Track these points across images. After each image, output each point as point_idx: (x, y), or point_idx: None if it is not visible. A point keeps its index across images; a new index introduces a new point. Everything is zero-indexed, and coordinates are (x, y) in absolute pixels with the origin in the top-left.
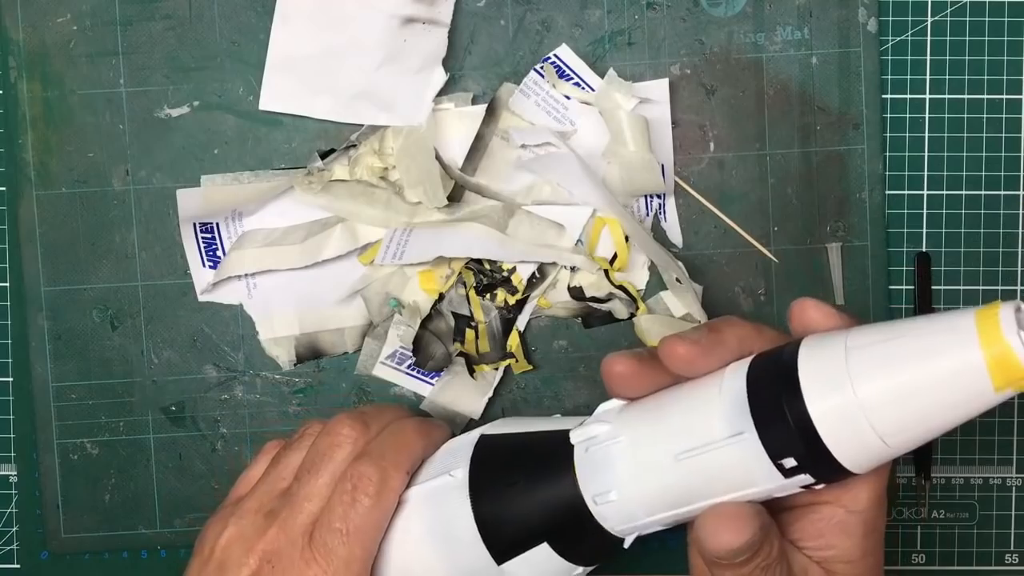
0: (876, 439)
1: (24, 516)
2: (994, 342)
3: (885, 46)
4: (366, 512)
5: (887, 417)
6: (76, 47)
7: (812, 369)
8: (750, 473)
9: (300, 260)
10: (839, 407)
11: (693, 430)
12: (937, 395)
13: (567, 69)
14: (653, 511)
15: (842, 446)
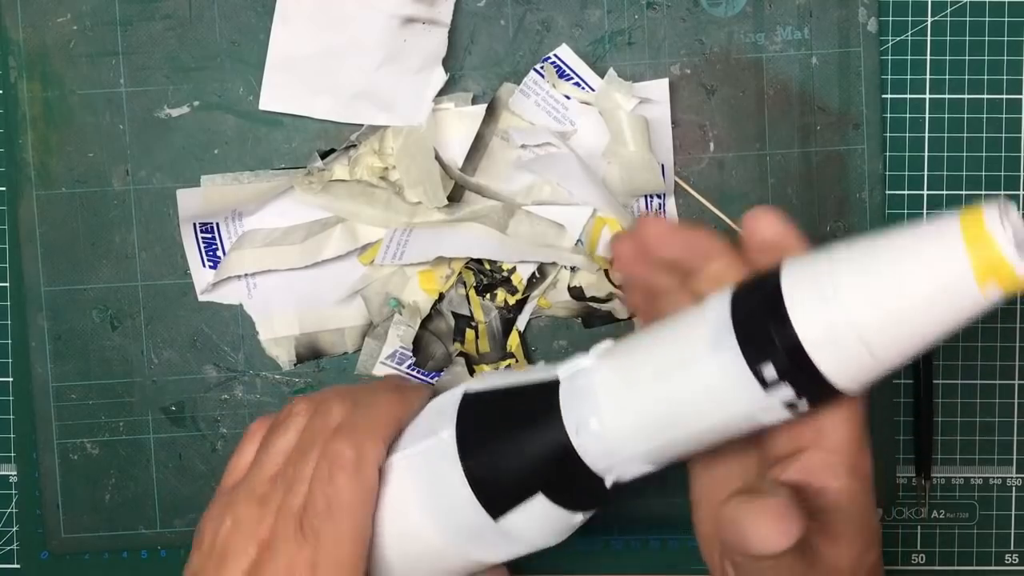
0: (862, 349)
1: (24, 516)
2: (978, 239)
3: (885, 46)
4: (345, 489)
5: (872, 325)
6: (76, 47)
7: (795, 279)
8: (732, 390)
9: (300, 260)
10: (822, 314)
11: (674, 352)
12: (923, 300)
13: (567, 69)
14: (634, 441)
15: (825, 355)
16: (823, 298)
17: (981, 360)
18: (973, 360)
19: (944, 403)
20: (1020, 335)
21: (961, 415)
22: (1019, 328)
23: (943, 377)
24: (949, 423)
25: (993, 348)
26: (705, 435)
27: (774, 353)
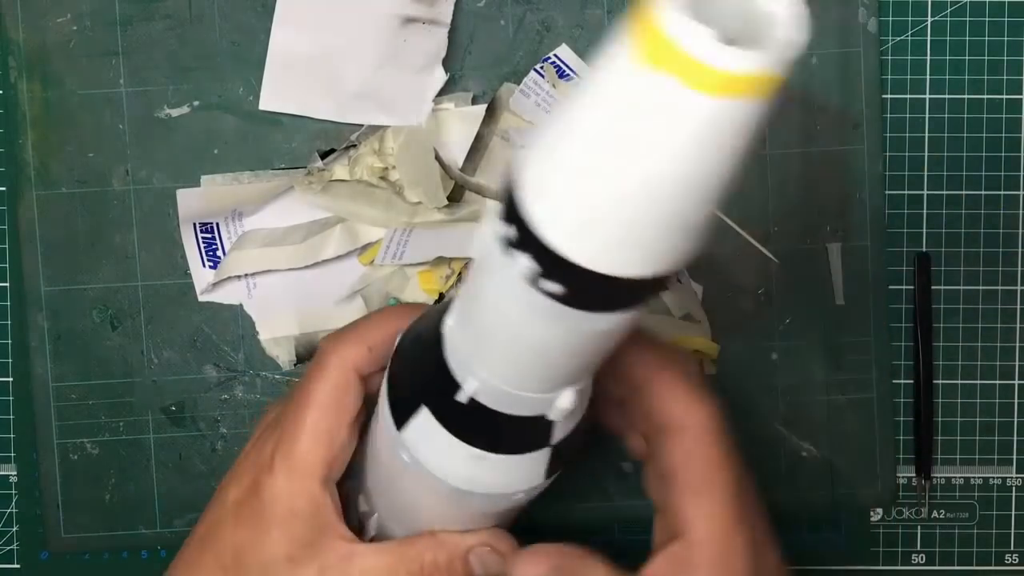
0: (569, 194)
1: (24, 516)
2: (647, 29)
3: (885, 46)
4: (312, 384)
5: (571, 165)
6: (76, 47)
7: (524, 159)
8: (490, 257)
9: (300, 260)
10: (533, 169)
11: (476, 261)
12: (611, 122)
13: (567, 69)
14: (463, 342)
15: (539, 208)
16: (535, 157)
17: (981, 360)
18: (973, 360)
19: (944, 403)
20: (1020, 335)
21: (961, 415)
22: (1019, 328)
23: (943, 377)
24: (949, 423)
25: (993, 348)
26: (505, 340)
27: (511, 216)
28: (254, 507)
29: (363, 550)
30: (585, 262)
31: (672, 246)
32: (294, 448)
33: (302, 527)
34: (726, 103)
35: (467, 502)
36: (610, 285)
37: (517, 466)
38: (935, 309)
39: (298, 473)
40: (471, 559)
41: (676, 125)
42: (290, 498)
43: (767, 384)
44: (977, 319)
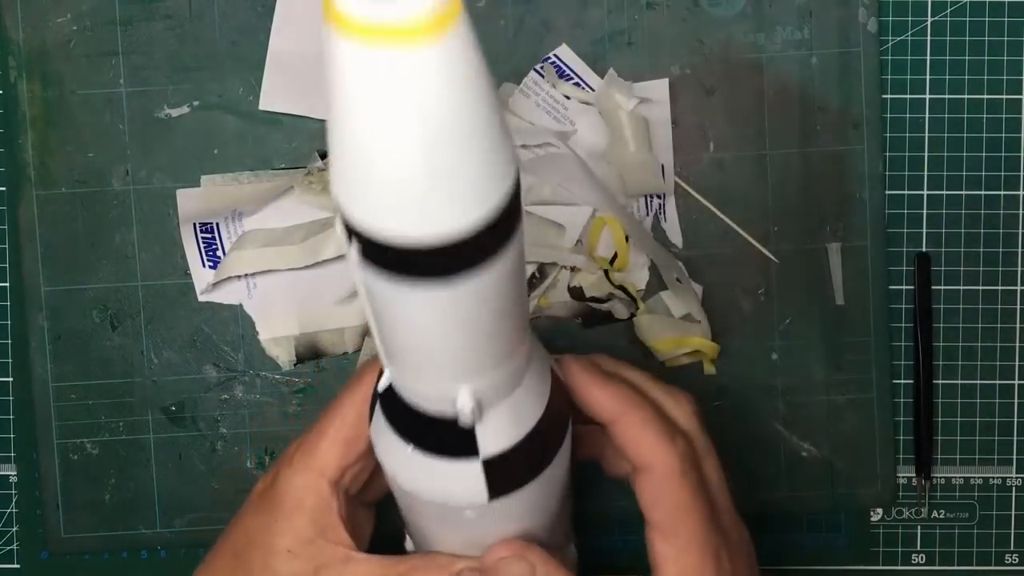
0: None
1: (24, 516)
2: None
3: (885, 46)
4: (339, 393)
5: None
6: (76, 47)
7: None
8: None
9: (300, 260)
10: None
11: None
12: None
13: (567, 69)
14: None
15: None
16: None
17: (981, 360)
18: (973, 360)
19: (944, 403)
20: (1020, 335)
21: (961, 415)
22: (1019, 328)
23: (943, 377)
24: (949, 423)
25: (993, 348)
26: (372, 325)
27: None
28: (270, 497)
29: (359, 557)
30: (377, 231)
31: (434, 204)
32: (314, 447)
33: (305, 523)
34: (401, 52)
35: (430, 514)
36: (399, 250)
37: (451, 474)
38: (935, 309)
39: (312, 470)
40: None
41: (365, 82)
42: (300, 492)
43: (767, 384)
44: (977, 319)
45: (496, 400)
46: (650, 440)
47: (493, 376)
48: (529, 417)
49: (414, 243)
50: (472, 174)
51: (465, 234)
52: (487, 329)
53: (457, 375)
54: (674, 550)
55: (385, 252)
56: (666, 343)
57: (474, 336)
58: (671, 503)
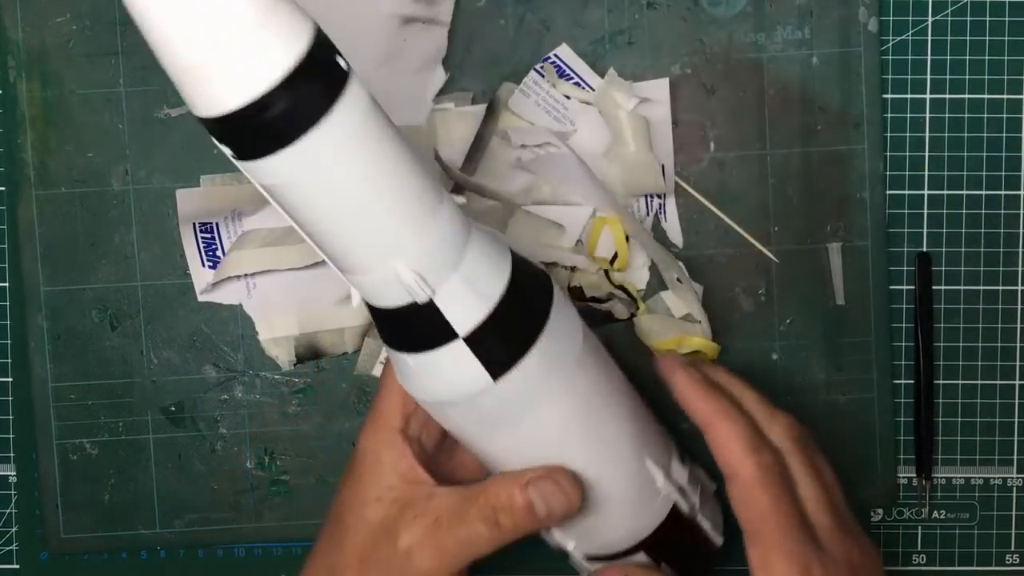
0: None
1: (24, 516)
2: None
3: (885, 46)
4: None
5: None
6: (76, 47)
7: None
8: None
9: (300, 260)
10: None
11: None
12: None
13: (567, 69)
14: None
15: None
16: None
17: (981, 360)
18: (973, 360)
19: (944, 403)
20: (1020, 335)
21: (961, 415)
22: (1019, 328)
23: (943, 377)
24: (949, 423)
25: (993, 348)
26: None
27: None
28: (352, 464)
29: (440, 491)
30: (200, 111)
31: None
32: (378, 406)
33: (385, 472)
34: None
35: (469, 428)
36: (223, 123)
37: (447, 364)
38: (935, 309)
39: (380, 426)
40: (531, 492)
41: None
42: (376, 447)
43: (767, 384)
44: (977, 319)
45: (442, 274)
46: (737, 450)
47: (418, 246)
48: (491, 288)
49: (248, 102)
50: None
51: (276, 83)
52: (372, 190)
53: (383, 251)
54: (758, 554)
55: (237, 127)
56: (666, 343)
57: (361, 201)
58: (753, 509)
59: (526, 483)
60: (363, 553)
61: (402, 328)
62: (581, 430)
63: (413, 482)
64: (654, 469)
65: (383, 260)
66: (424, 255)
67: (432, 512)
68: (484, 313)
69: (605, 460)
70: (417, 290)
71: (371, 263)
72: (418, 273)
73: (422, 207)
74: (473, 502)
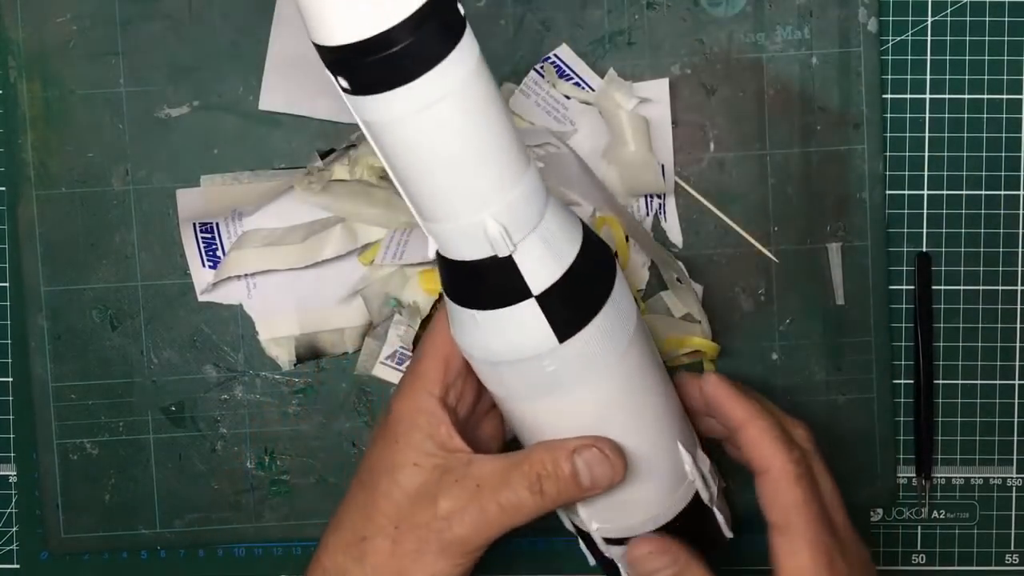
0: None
1: (24, 516)
2: None
3: (885, 46)
4: (431, 322)
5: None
6: (76, 47)
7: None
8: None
9: (300, 260)
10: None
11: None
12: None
13: (567, 69)
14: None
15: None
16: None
17: (981, 360)
18: (973, 360)
19: (944, 403)
20: (1020, 335)
21: (961, 415)
22: (1019, 328)
23: (943, 377)
24: (949, 423)
25: (993, 348)
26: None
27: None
28: (385, 426)
29: (480, 458)
30: (322, 39)
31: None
32: (418, 370)
33: (423, 437)
34: None
35: (523, 393)
36: (366, 54)
37: (516, 323)
38: (935, 309)
39: (419, 391)
40: (576, 461)
41: None
42: (413, 412)
43: (767, 384)
44: (977, 319)
45: (524, 229)
46: (769, 445)
47: (506, 198)
48: (565, 253)
49: (373, 32)
50: None
51: (404, 19)
52: (475, 138)
53: (473, 201)
54: (788, 545)
55: (356, 59)
56: (666, 343)
57: (463, 148)
58: (785, 501)
59: (572, 451)
60: (399, 519)
61: (474, 283)
62: (627, 404)
63: (452, 449)
64: (684, 453)
65: (472, 210)
66: (510, 210)
67: (473, 478)
68: (558, 274)
69: (644, 437)
70: (501, 243)
71: (459, 212)
72: (503, 226)
73: (515, 162)
74: (516, 469)
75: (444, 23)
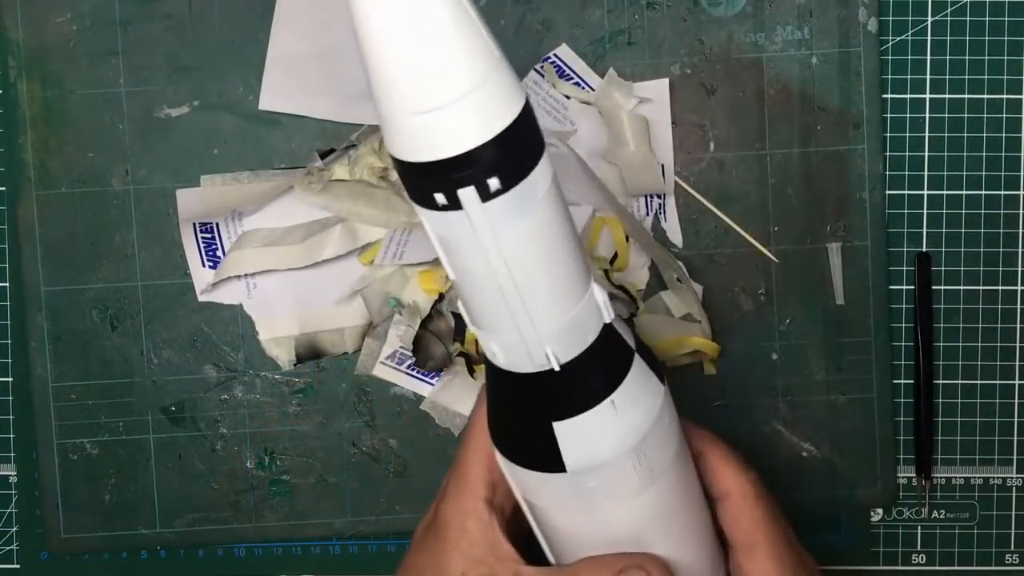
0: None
1: (24, 516)
2: None
3: (885, 46)
4: (468, 423)
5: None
6: (76, 47)
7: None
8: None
9: (300, 260)
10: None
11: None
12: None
13: (567, 69)
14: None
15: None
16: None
17: (981, 360)
18: (973, 360)
19: (944, 403)
20: (1020, 335)
21: (961, 415)
22: (1019, 328)
23: (943, 377)
24: (949, 423)
25: (993, 348)
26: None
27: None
28: (433, 531)
29: (527, 570)
30: (407, 156)
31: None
32: (462, 471)
33: (471, 545)
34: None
35: (557, 494)
36: (418, 170)
37: (601, 424)
38: (935, 309)
39: (466, 495)
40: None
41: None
42: (461, 517)
43: (767, 384)
44: (977, 319)
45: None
46: (730, 470)
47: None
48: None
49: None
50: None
51: (463, 150)
52: (547, 257)
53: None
54: (756, 565)
55: (410, 176)
56: (666, 343)
57: (540, 263)
58: (749, 521)
59: (619, 572)
60: None
61: (545, 392)
62: (678, 515)
63: (501, 557)
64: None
65: (527, 324)
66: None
67: None
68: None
69: (688, 550)
70: (605, 314)
71: (504, 323)
72: (604, 302)
73: (581, 279)
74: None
75: (527, 144)
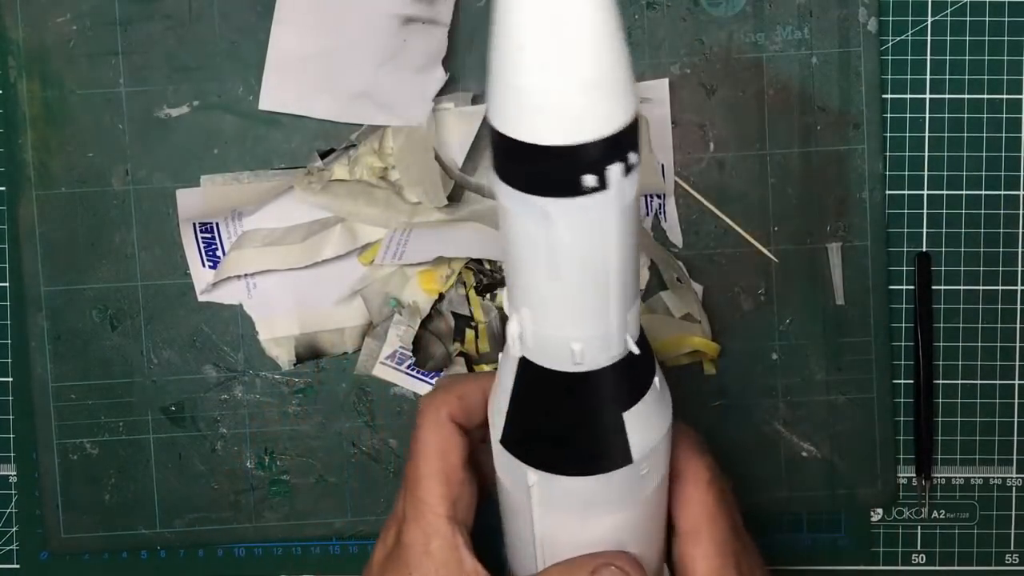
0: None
1: (24, 516)
2: None
3: (885, 46)
4: (417, 434)
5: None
6: (76, 47)
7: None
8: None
9: (300, 260)
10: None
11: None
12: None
13: None
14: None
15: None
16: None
17: (981, 360)
18: (973, 360)
19: (944, 403)
20: (1020, 335)
21: (961, 415)
22: (1019, 328)
23: (943, 377)
24: (949, 423)
25: (993, 348)
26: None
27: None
28: (397, 556)
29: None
30: (524, 136)
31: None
32: (417, 494)
33: (437, 565)
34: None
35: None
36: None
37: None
38: (935, 309)
39: (426, 514)
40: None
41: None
42: (424, 538)
43: (767, 384)
44: (977, 319)
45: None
46: (683, 450)
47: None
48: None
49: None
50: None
51: (623, 125)
52: (615, 264)
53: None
54: (700, 551)
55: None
56: (666, 343)
57: (607, 269)
58: (699, 507)
59: (592, 572)
60: None
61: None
62: (655, 512)
63: (467, 573)
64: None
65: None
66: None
67: None
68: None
69: (651, 545)
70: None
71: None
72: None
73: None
74: None
75: (627, 151)
